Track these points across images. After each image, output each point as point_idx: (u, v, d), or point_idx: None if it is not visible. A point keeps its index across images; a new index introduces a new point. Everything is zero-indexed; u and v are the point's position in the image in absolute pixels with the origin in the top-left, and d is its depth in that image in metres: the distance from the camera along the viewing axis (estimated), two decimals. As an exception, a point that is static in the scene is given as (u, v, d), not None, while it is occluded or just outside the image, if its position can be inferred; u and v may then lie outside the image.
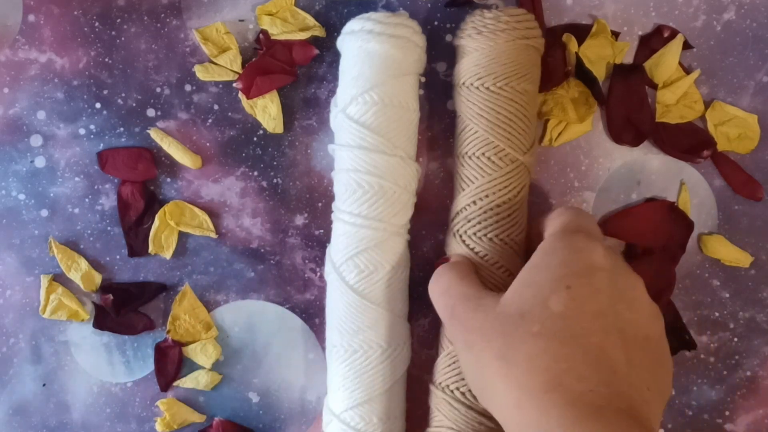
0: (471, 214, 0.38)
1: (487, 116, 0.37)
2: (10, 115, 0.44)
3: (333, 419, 0.40)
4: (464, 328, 0.33)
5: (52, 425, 0.45)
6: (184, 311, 0.44)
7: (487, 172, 0.37)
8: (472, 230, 0.38)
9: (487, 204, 0.37)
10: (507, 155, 0.37)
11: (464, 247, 0.38)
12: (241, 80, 0.43)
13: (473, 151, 0.38)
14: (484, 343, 0.31)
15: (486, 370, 0.30)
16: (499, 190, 0.37)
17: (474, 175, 0.38)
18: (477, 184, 0.37)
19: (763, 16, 0.44)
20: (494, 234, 0.37)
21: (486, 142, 0.37)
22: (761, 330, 0.45)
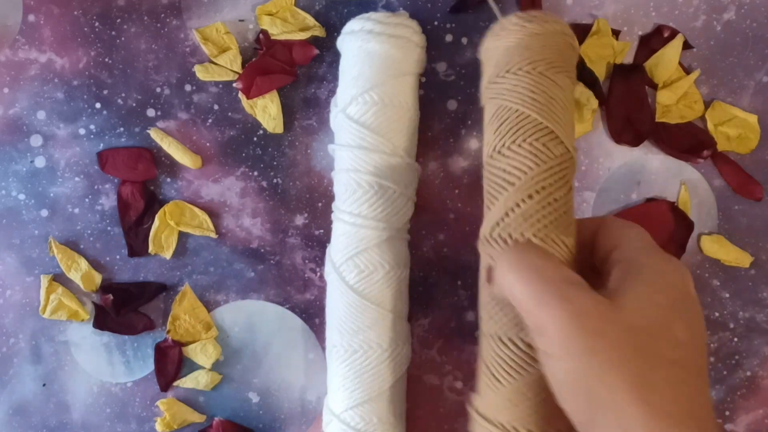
0: (528, 210, 0.31)
1: (542, 99, 0.32)
2: (10, 115, 0.44)
3: (333, 419, 0.40)
4: (584, 328, 0.26)
5: (52, 425, 0.45)
6: (184, 311, 0.44)
7: (542, 160, 0.32)
8: (531, 230, 0.31)
9: (545, 198, 0.31)
10: (560, 143, 0.32)
11: None
12: (241, 80, 0.43)
13: (524, 138, 0.32)
14: (615, 355, 0.26)
15: (608, 387, 0.25)
16: (555, 181, 0.32)
17: (527, 165, 0.32)
18: (532, 174, 0.31)
19: (763, 16, 0.44)
20: (555, 234, 0.31)
21: (539, 128, 0.32)
22: (761, 330, 0.45)
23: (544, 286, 0.27)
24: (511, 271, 0.28)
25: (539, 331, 0.27)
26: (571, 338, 0.26)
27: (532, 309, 0.27)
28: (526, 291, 0.28)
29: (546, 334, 0.27)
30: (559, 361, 0.26)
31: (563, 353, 0.26)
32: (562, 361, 0.26)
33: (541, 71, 0.33)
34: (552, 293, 0.27)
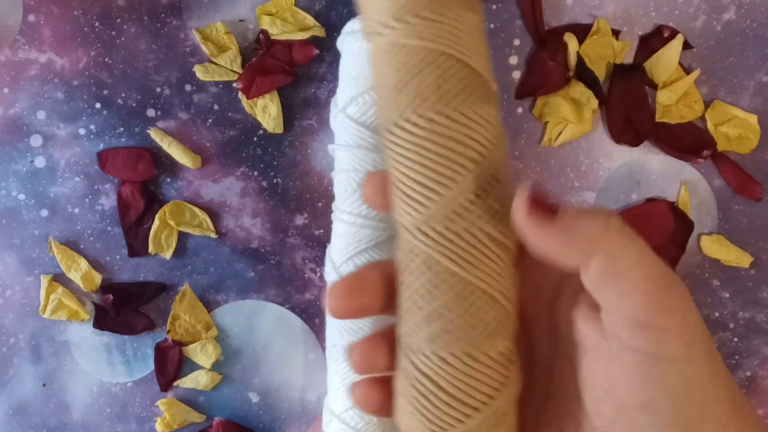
0: (498, 196, 0.24)
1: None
2: (10, 115, 0.44)
3: (333, 419, 0.40)
4: (704, 332, 0.23)
5: (52, 425, 0.45)
6: (184, 311, 0.44)
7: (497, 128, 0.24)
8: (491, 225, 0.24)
9: (507, 185, 0.24)
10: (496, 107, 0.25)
11: None
12: (241, 80, 0.43)
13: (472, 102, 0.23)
14: (717, 359, 0.23)
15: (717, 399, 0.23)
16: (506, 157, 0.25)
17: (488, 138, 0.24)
18: (497, 148, 0.24)
19: (763, 16, 0.44)
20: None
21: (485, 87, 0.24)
22: (761, 330, 0.45)
23: (669, 282, 0.22)
24: (636, 265, 0.22)
25: (660, 332, 0.22)
26: (696, 341, 0.22)
27: (657, 305, 0.22)
28: (650, 287, 0.22)
29: (671, 335, 0.22)
30: (681, 364, 0.22)
31: (687, 354, 0.22)
32: (682, 365, 0.22)
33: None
34: (676, 290, 0.22)
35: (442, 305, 0.23)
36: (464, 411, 0.23)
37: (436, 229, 0.23)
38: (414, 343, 0.24)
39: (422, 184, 0.23)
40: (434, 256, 0.23)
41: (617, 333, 0.22)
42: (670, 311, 0.21)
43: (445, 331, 0.23)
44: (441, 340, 0.23)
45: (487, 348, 0.23)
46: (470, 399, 0.23)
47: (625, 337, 0.22)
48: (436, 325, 0.23)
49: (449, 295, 0.23)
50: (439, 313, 0.23)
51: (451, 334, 0.23)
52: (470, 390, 0.23)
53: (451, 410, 0.23)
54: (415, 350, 0.24)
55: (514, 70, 0.44)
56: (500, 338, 0.24)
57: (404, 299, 0.24)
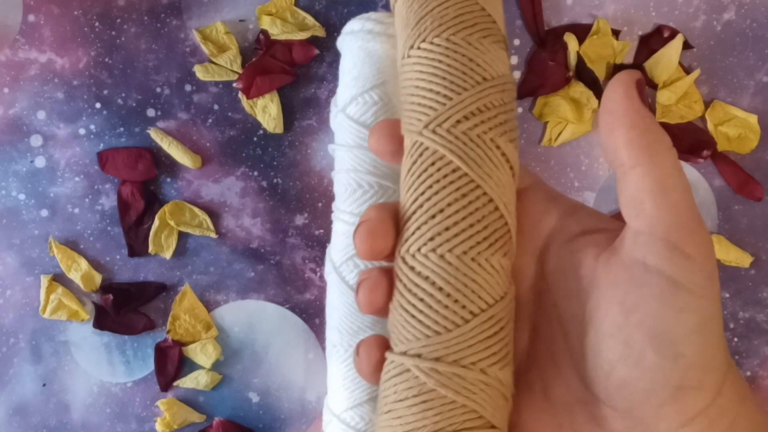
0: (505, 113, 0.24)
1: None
2: (10, 115, 0.44)
3: (333, 419, 0.40)
4: (717, 270, 0.22)
5: (52, 425, 0.45)
6: (184, 311, 0.44)
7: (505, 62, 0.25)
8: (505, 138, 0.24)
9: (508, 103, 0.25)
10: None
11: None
12: (241, 80, 0.43)
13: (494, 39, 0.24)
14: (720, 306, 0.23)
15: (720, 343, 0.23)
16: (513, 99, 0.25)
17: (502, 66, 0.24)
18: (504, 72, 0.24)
19: (763, 16, 0.44)
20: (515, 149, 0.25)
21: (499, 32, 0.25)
22: (761, 330, 0.45)
23: (700, 219, 0.22)
24: (680, 189, 0.22)
25: (686, 259, 0.21)
26: (715, 280, 0.22)
27: (689, 231, 0.22)
28: (688, 212, 0.22)
29: (696, 264, 0.21)
30: (701, 298, 0.21)
31: (705, 291, 0.22)
32: (702, 299, 0.21)
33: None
34: (704, 228, 0.22)
35: (444, 201, 0.23)
36: (462, 314, 0.23)
37: (444, 127, 0.23)
38: (413, 247, 0.23)
39: (434, 91, 0.23)
40: (440, 151, 0.23)
41: (643, 255, 0.22)
42: (699, 240, 0.21)
43: (445, 229, 0.23)
44: (440, 238, 0.23)
45: (488, 255, 0.23)
46: (469, 302, 0.23)
47: (652, 259, 0.21)
48: (436, 222, 0.23)
49: (452, 193, 0.23)
50: (440, 209, 0.23)
51: (450, 231, 0.23)
52: (468, 292, 0.23)
53: (448, 312, 0.22)
54: (413, 253, 0.23)
55: (514, 70, 0.44)
56: (501, 252, 0.23)
57: (406, 206, 0.24)
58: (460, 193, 0.23)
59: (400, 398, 0.23)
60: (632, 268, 0.22)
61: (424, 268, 0.23)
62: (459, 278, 0.23)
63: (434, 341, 0.23)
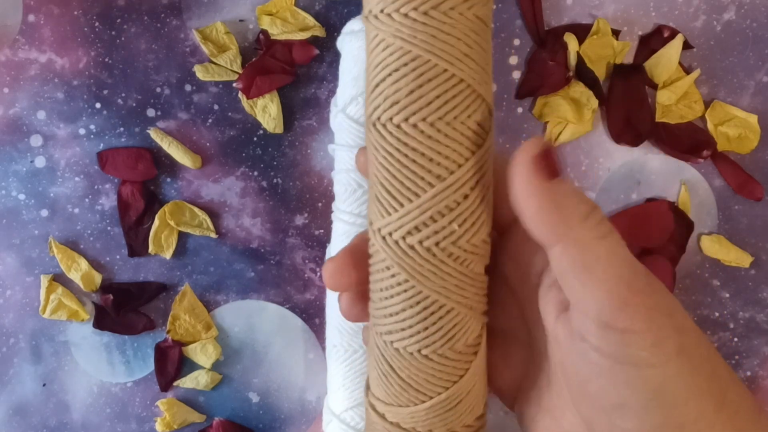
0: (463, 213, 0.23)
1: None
2: (10, 115, 0.44)
3: (333, 419, 0.40)
4: (673, 326, 0.21)
5: (52, 425, 0.45)
6: (184, 311, 0.44)
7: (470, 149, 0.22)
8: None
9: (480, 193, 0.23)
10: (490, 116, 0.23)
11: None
12: (241, 80, 0.43)
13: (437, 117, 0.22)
14: (697, 355, 0.21)
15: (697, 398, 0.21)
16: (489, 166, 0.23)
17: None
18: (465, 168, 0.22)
19: (763, 16, 0.44)
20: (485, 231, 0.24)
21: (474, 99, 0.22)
22: (761, 330, 0.45)
23: (637, 282, 0.21)
24: (604, 260, 0.21)
25: (623, 334, 0.20)
26: (663, 343, 0.20)
27: (619, 305, 0.20)
28: (614, 285, 0.20)
29: (634, 337, 0.20)
30: (648, 368, 0.20)
31: (652, 359, 0.20)
32: (649, 369, 0.20)
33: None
34: (643, 291, 0.20)
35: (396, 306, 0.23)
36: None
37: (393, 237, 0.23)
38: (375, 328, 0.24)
39: (387, 191, 0.23)
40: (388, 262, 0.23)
41: (583, 333, 0.21)
42: (632, 313, 0.20)
43: (400, 329, 0.23)
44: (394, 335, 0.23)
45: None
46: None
47: (591, 338, 0.21)
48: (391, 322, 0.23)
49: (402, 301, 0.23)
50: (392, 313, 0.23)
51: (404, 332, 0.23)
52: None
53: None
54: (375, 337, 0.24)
55: (514, 70, 0.44)
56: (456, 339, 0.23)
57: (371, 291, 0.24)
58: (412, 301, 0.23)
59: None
60: (579, 341, 0.22)
61: (387, 355, 0.24)
62: (418, 370, 0.23)
63: (393, 409, 0.24)
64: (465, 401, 0.24)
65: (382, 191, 0.23)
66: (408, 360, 0.23)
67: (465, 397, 0.24)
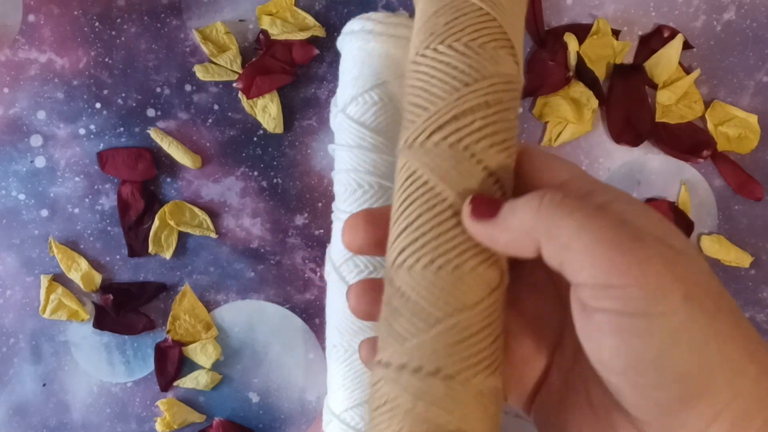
0: (486, 120, 0.24)
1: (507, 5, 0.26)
2: (10, 115, 0.44)
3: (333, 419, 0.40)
4: (675, 275, 0.21)
5: (52, 425, 0.45)
6: (184, 311, 0.44)
7: (503, 72, 0.25)
8: (487, 141, 0.24)
9: (501, 111, 0.25)
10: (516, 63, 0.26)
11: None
12: (241, 80, 0.43)
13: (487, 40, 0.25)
14: (710, 303, 0.21)
15: (721, 342, 0.21)
16: (511, 99, 0.26)
17: (489, 70, 0.25)
18: (491, 81, 0.25)
19: (763, 16, 0.44)
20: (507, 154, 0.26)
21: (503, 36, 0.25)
22: (761, 330, 0.45)
23: (619, 240, 0.21)
24: (576, 235, 0.21)
25: (621, 289, 0.21)
26: (666, 292, 0.21)
27: (608, 268, 0.21)
28: (597, 237, 0.21)
29: (632, 290, 0.21)
30: (656, 317, 0.21)
31: (662, 307, 0.21)
32: (661, 316, 0.21)
33: None
34: (627, 246, 0.21)
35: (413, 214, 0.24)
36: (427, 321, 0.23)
37: (418, 141, 0.24)
38: (389, 259, 0.25)
39: (415, 104, 0.24)
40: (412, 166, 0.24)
41: (585, 300, 0.22)
42: (622, 270, 0.20)
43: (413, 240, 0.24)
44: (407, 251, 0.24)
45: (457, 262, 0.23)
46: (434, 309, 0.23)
47: (592, 302, 0.21)
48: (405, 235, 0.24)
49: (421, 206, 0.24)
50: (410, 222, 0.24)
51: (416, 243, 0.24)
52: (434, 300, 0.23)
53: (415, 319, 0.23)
54: (389, 265, 0.25)
55: (514, 70, 0.44)
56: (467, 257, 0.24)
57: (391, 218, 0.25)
58: (427, 206, 0.23)
59: (376, 405, 0.24)
60: (585, 312, 0.22)
61: (398, 280, 0.24)
62: (424, 287, 0.23)
63: (401, 349, 0.23)
64: (480, 341, 0.23)
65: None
66: (421, 275, 0.23)
67: (475, 335, 0.23)
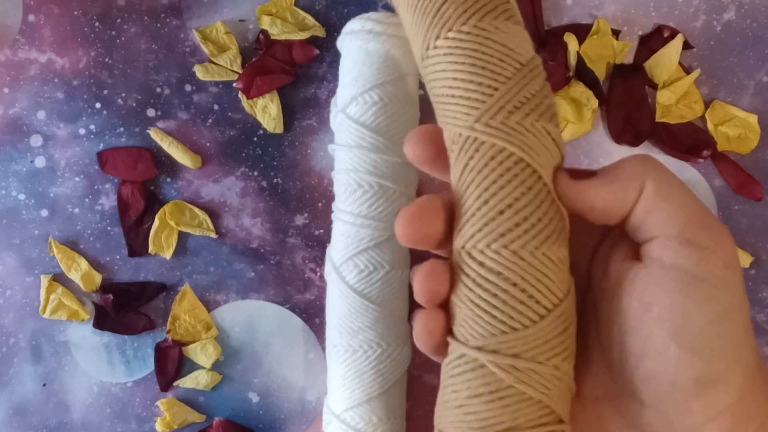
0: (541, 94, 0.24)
1: None
2: (10, 115, 0.44)
3: (333, 419, 0.40)
4: (737, 253, 0.23)
5: (52, 425, 0.45)
6: (184, 311, 0.44)
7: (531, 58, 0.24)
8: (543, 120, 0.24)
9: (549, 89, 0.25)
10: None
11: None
12: (241, 80, 0.43)
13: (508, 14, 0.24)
14: (745, 295, 0.23)
15: (748, 327, 0.22)
16: (545, 78, 0.25)
17: (531, 51, 0.24)
18: (537, 61, 0.24)
19: (763, 16, 0.44)
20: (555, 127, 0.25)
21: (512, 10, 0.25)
22: (761, 330, 0.45)
23: (707, 210, 0.22)
24: (681, 189, 0.22)
25: (703, 251, 0.22)
26: (735, 267, 0.22)
27: (701, 225, 0.22)
28: (695, 209, 0.22)
29: (713, 255, 0.21)
30: (720, 288, 0.22)
31: (730, 279, 0.22)
32: (720, 289, 0.22)
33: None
34: (714, 217, 0.22)
35: (511, 196, 0.23)
36: (537, 310, 0.22)
37: (497, 119, 0.23)
38: (481, 243, 0.23)
39: (476, 83, 0.23)
40: (499, 144, 0.23)
41: (660, 255, 0.22)
42: (713, 232, 0.22)
43: (515, 225, 0.22)
44: (512, 234, 0.22)
45: (555, 249, 0.23)
46: (543, 298, 0.22)
47: (669, 256, 0.22)
48: (506, 218, 0.23)
49: (518, 187, 0.23)
50: (509, 204, 0.23)
51: (520, 227, 0.22)
52: (543, 288, 0.22)
53: (524, 308, 0.22)
54: (482, 249, 0.23)
55: (514, 70, 0.44)
56: (564, 245, 0.23)
57: (466, 201, 0.23)
58: (525, 186, 0.23)
59: (475, 393, 0.23)
60: (650, 266, 0.22)
61: (496, 264, 0.23)
62: (533, 274, 0.22)
63: (512, 337, 0.22)
64: (573, 327, 0.23)
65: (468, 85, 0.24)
66: (527, 262, 0.23)
67: (573, 322, 0.23)
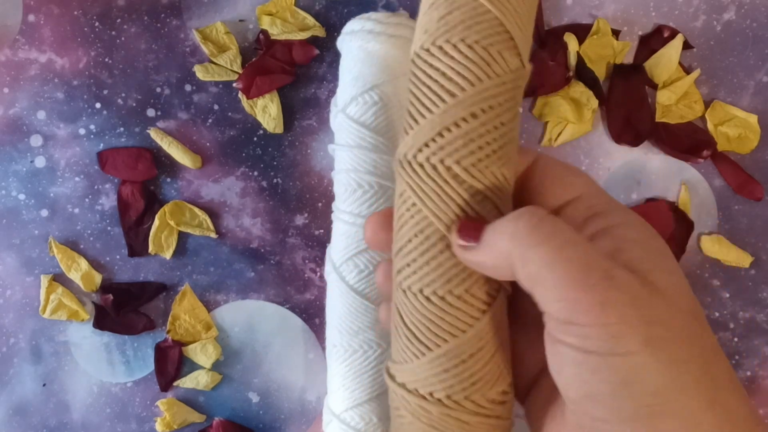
0: (470, 132, 0.23)
1: None
2: (10, 115, 0.44)
3: (333, 419, 0.40)
4: (642, 317, 0.21)
5: (52, 425, 0.45)
6: (184, 311, 0.44)
7: (496, 72, 0.24)
8: (471, 159, 0.23)
9: (492, 119, 0.24)
10: (517, 55, 0.25)
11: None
12: (241, 80, 0.43)
13: (476, 39, 0.24)
14: (677, 348, 0.21)
15: (679, 388, 0.21)
16: (506, 100, 0.24)
17: (476, 75, 0.24)
18: (481, 87, 0.24)
19: (763, 16, 0.44)
20: (497, 166, 0.24)
21: (498, 30, 0.24)
22: (761, 330, 0.45)
23: (585, 279, 0.21)
24: (546, 267, 0.21)
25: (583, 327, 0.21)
26: (629, 335, 0.20)
27: (572, 305, 0.21)
28: (563, 275, 0.21)
29: (594, 330, 0.21)
30: (614, 357, 0.21)
31: (621, 349, 0.20)
32: (619, 356, 0.20)
33: None
34: (593, 287, 0.21)
35: (404, 238, 0.24)
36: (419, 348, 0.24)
37: (407, 158, 0.24)
38: (396, 280, 0.25)
39: (409, 113, 0.24)
40: (403, 185, 0.24)
41: (550, 331, 0.22)
42: (584, 309, 0.20)
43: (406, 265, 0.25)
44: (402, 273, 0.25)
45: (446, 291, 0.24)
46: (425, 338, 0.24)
47: (556, 332, 0.22)
48: (399, 258, 0.25)
49: (411, 228, 0.24)
50: (402, 245, 0.25)
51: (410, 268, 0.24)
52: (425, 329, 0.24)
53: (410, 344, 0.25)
54: (396, 286, 0.25)
55: (514, 70, 0.44)
56: (461, 287, 0.24)
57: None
58: (417, 228, 0.24)
59: (392, 405, 0.26)
60: (548, 337, 0.22)
61: (397, 300, 0.25)
62: (417, 316, 0.24)
63: (398, 367, 0.25)
64: (474, 364, 0.24)
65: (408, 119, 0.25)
66: (411, 302, 0.24)
67: (472, 357, 0.24)
